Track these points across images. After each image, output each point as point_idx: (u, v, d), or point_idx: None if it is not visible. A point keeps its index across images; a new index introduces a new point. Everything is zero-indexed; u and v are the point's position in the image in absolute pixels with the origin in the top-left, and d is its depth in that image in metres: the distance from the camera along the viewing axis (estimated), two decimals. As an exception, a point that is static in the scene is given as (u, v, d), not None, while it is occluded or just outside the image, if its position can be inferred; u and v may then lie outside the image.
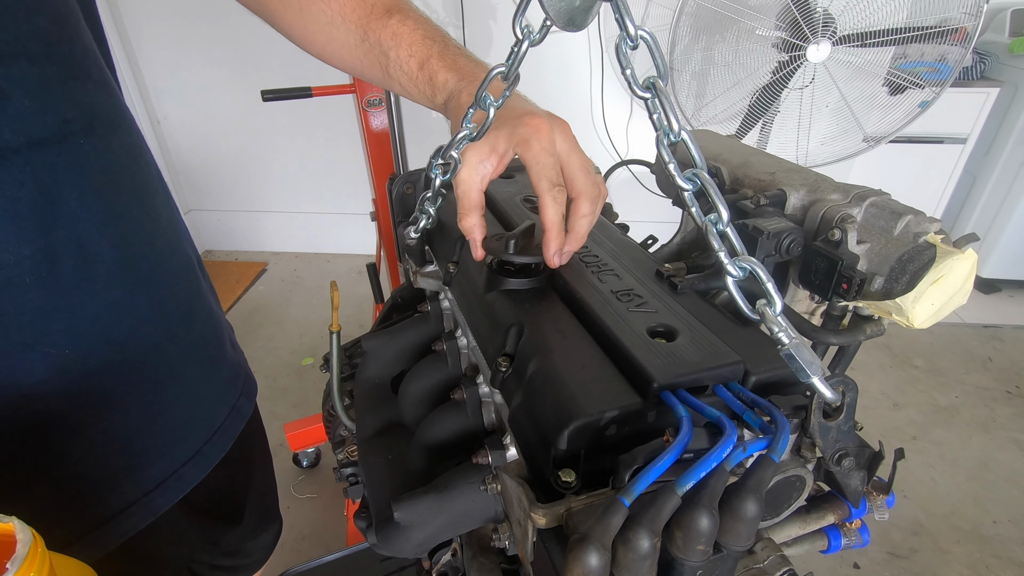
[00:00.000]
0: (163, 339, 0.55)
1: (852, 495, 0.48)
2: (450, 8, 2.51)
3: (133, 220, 0.51)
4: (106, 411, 0.52)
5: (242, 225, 3.24)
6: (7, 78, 0.40)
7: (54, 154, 0.43)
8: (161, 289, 0.55)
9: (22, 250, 0.43)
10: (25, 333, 0.45)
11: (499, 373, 0.52)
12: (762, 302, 0.43)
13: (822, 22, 1.65)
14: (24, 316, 0.44)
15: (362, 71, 0.64)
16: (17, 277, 0.43)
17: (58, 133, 0.44)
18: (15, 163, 0.41)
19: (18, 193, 0.41)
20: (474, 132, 0.53)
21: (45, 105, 0.43)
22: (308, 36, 0.64)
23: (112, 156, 0.49)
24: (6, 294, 0.43)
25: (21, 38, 0.41)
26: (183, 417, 0.59)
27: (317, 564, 1.41)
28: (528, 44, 0.48)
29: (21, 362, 0.45)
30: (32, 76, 0.41)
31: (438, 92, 0.59)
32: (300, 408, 2.17)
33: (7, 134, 0.40)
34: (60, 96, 0.44)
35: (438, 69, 0.58)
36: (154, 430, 0.56)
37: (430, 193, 0.64)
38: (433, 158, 0.56)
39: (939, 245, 0.55)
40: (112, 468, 0.54)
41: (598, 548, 0.33)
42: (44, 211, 0.43)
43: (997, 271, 2.77)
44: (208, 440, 0.63)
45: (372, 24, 0.60)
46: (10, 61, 0.40)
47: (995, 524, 1.75)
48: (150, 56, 2.75)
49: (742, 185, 0.72)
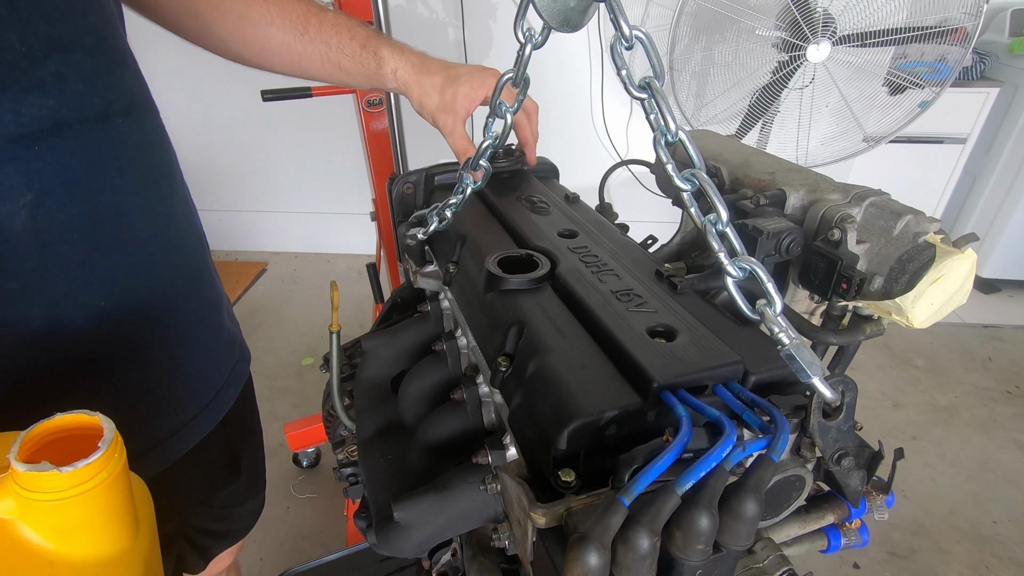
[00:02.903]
0: (179, 300, 0.62)
1: (852, 495, 0.48)
2: (450, 8, 2.51)
3: (159, 192, 0.59)
4: (131, 362, 0.58)
5: (242, 225, 3.24)
6: (67, 64, 0.47)
7: (99, 131, 0.50)
8: (179, 255, 0.62)
9: (72, 210, 0.49)
10: (70, 283, 0.51)
11: (499, 373, 0.52)
12: (762, 302, 0.43)
13: (822, 22, 1.65)
14: (70, 268, 0.50)
15: (299, 65, 0.77)
16: (67, 233, 0.49)
17: (103, 113, 0.50)
18: (69, 136, 0.48)
19: (71, 161, 0.48)
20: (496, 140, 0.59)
21: (94, 89, 0.49)
22: (246, 42, 0.73)
23: (144, 135, 0.57)
24: (58, 248, 0.49)
25: (78, 31, 0.47)
26: (195, 372, 0.66)
27: (317, 564, 1.41)
28: (531, 47, 0.48)
29: (65, 310, 0.51)
30: (86, 64, 0.48)
31: (384, 63, 0.75)
32: (300, 408, 2.17)
33: (65, 111, 0.47)
34: (106, 82, 0.51)
35: (379, 45, 0.75)
36: (171, 383, 0.63)
37: (454, 200, 0.65)
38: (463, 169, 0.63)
39: (939, 245, 0.55)
40: (135, 415, 0.60)
41: (598, 548, 0.33)
42: (90, 179, 0.50)
43: (997, 271, 2.77)
44: (215, 396, 0.69)
45: (312, 20, 0.73)
46: (70, 50, 0.47)
47: (995, 524, 1.75)
48: (150, 56, 2.74)
49: (742, 185, 0.72)
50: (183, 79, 2.80)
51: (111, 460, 0.35)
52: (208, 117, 2.91)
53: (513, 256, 0.63)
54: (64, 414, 0.36)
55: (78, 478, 0.33)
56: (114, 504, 0.37)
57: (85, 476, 0.34)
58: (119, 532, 0.38)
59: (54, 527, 0.35)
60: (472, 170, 0.62)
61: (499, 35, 2.54)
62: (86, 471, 0.34)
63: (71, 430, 0.36)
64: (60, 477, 0.33)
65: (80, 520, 0.35)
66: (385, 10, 1.23)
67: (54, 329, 0.51)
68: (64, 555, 0.35)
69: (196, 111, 2.89)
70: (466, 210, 0.74)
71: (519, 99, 0.55)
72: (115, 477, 0.35)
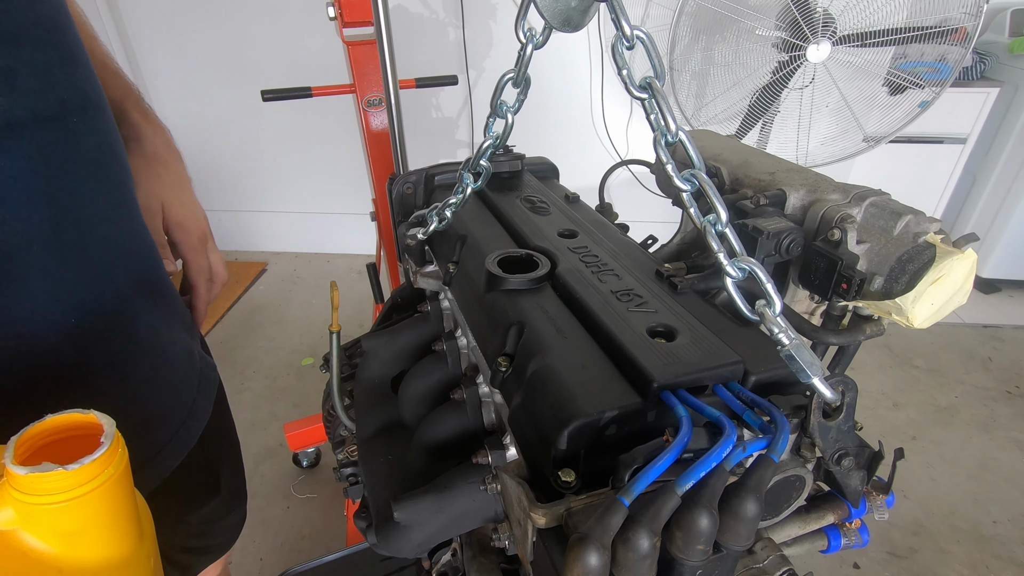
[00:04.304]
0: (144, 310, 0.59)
1: (852, 495, 0.48)
2: (450, 8, 2.51)
3: (117, 197, 0.55)
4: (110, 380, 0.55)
5: (242, 225, 3.24)
6: (16, 58, 0.43)
7: (55, 131, 0.47)
8: (142, 263, 0.59)
9: (31, 218, 0.45)
10: (36, 301, 0.47)
11: (499, 373, 0.52)
12: (762, 302, 0.43)
13: (822, 22, 1.65)
14: (35, 283, 0.47)
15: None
16: (27, 244, 0.45)
17: (58, 112, 0.47)
18: (23, 137, 0.44)
19: (27, 165, 0.45)
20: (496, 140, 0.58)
21: (47, 85, 0.46)
22: None
23: (100, 136, 0.53)
24: (18, 259, 0.45)
25: (27, 23, 0.44)
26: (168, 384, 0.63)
27: (317, 564, 1.41)
28: (532, 48, 0.48)
29: (34, 330, 0.48)
30: (37, 58, 0.45)
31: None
32: (300, 408, 2.17)
33: (17, 110, 0.44)
34: (59, 78, 0.47)
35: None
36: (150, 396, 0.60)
37: (454, 199, 0.65)
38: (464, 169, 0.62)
39: (939, 245, 0.55)
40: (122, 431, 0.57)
41: (598, 548, 0.33)
42: (49, 183, 0.46)
43: (997, 271, 2.77)
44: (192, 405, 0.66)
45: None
46: (19, 43, 0.43)
47: (995, 524, 1.75)
48: (150, 56, 2.75)
49: (742, 185, 0.72)
50: (183, 79, 2.80)
51: (115, 456, 0.34)
52: (208, 117, 2.91)
53: (513, 256, 0.63)
54: (56, 415, 0.34)
55: (85, 475, 0.32)
56: (120, 504, 0.35)
57: (91, 473, 0.32)
58: (125, 534, 0.37)
59: (59, 532, 0.33)
60: (472, 170, 0.62)
61: (499, 35, 2.54)
62: (92, 467, 0.32)
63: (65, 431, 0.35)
64: (66, 476, 0.31)
65: (86, 522, 0.34)
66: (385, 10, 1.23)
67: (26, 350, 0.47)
68: (72, 561, 0.34)
69: (196, 111, 2.90)
70: (466, 210, 0.74)
71: (520, 99, 0.55)
72: (120, 474, 0.34)
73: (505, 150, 0.89)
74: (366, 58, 1.65)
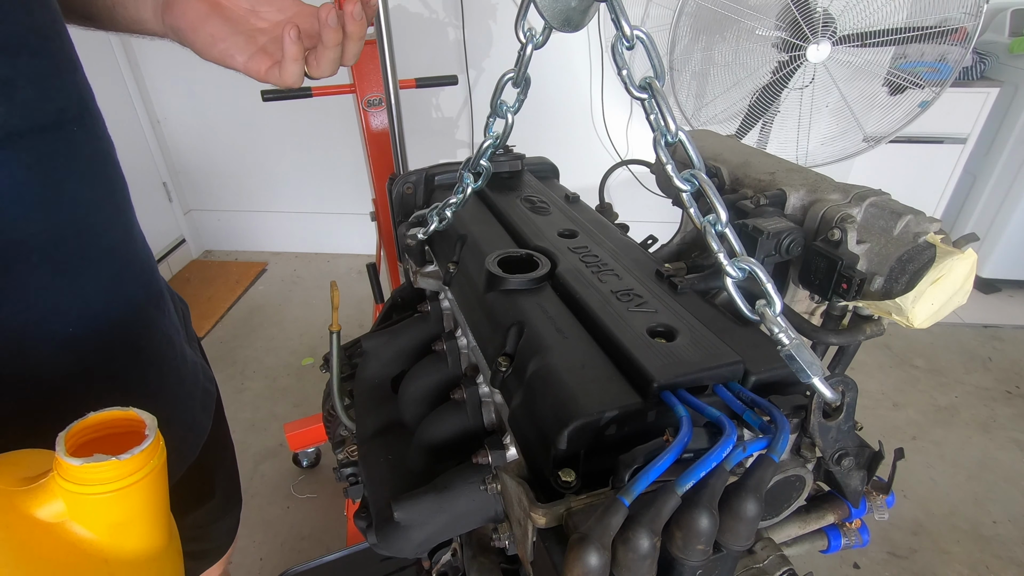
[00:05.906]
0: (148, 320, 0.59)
1: (852, 495, 0.48)
2: (450, 8, 2.51)
3: (117, 206, 0.54)
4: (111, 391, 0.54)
5: (242, 225, 3.24)
6: (13, 68, 0.43)
7: (53, 140, 0.46)
8: (142, 272, 0.58)
9: (30, 228, 0.45)
10: (34, 311, 0.47)
11: (499, 373, 0.52)
12: (762, 302, 0.43)
13: (822, 22, 1.65)
14: (33, 294, 0.46)
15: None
16: (26, 255, 0.45)
17: (56, 120, 0.46)
18: (22, 147, 0.44)
19: (25, 175, 0.44)
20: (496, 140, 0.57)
21: (45, 94, 0.45)
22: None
23: (98, 144, 0.52)
24: (16, 270, 0.45)
25: (23, 32, 0.43)
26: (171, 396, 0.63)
27: (317, 564, 1.41)
28: (532, 47, 0.48)
29: (31, 341, 0.47)
30: (34, 67, 0.44)
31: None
32: (300, 408, 2.17)
33: (15, 120, 0.43)
34: (57, 86, 0.47)
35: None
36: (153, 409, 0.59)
37: (454, 199, 0.65)
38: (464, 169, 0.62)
39: (939, 245, 0.55)
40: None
41: (598, 548, 0.33)
42: (48, 193, 0.46)
43: (997, 271, 2.77)
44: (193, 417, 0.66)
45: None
46: (15, 53, 0.43)
47: (995, 524, 1.75)
48: (150, 56, 2.75)
49: (742, 185, 0.72)
50: (183, 79, 2.80)
51: (158, 448, 0.35)
52: (208, 117, 2.91)
53: (513, 256, 0.63)
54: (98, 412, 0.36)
55: (134, 465, 0.33)
56: (159, 496, 0.37)
57: (139, 463, 0.33)
58: (163, 526, 0.38)
59: (108, 522, 0.34)
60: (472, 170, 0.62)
61: (499, 35, 2.54)
62: (141, 458, 0.33)
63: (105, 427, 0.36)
64: (118, 465, 0.32)
65: (132, 512, 0.35)
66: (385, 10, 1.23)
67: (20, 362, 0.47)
68: (116, 551, 0.35)
69: (196, 111, 2.89)
70: (466, 210, 0.74)
71: (520, 99, 0.55)
72: (161, 467, 0.36)
73: (505, 150, 0.89)
74: (366, 58, 1.64)
